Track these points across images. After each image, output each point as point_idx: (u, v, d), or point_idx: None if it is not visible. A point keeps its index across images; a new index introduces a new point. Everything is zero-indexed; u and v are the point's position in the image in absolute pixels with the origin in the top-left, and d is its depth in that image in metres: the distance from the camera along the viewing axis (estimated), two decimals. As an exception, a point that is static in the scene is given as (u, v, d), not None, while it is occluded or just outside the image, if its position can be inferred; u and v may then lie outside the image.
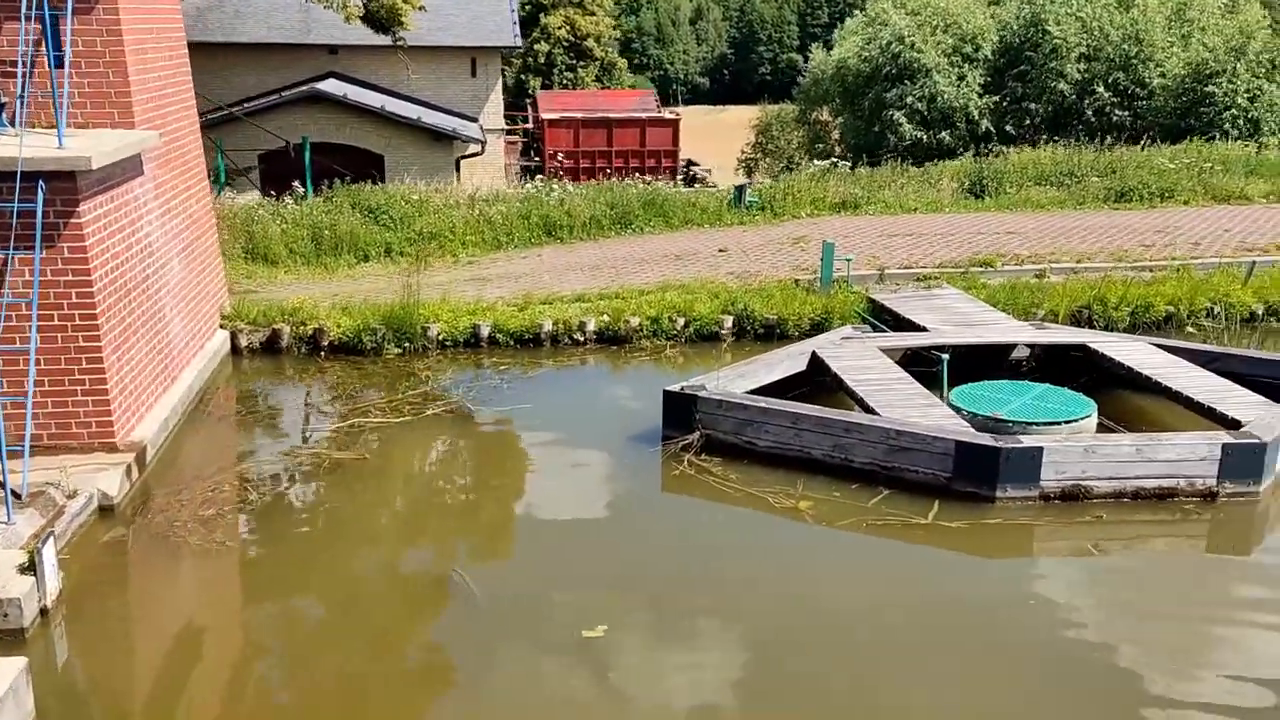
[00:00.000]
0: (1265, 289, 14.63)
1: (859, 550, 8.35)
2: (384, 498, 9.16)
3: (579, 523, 8.76)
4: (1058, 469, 9.16)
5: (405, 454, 10.02)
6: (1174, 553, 8.58)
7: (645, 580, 7.68)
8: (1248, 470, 9.22)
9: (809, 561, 8.14)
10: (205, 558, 7.82)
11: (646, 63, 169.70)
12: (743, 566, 8.04)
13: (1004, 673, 6.68)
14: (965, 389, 11.08)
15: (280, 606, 7.43)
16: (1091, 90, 34.93)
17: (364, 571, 7.84)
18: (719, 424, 10.24)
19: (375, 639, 6.97)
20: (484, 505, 9.01)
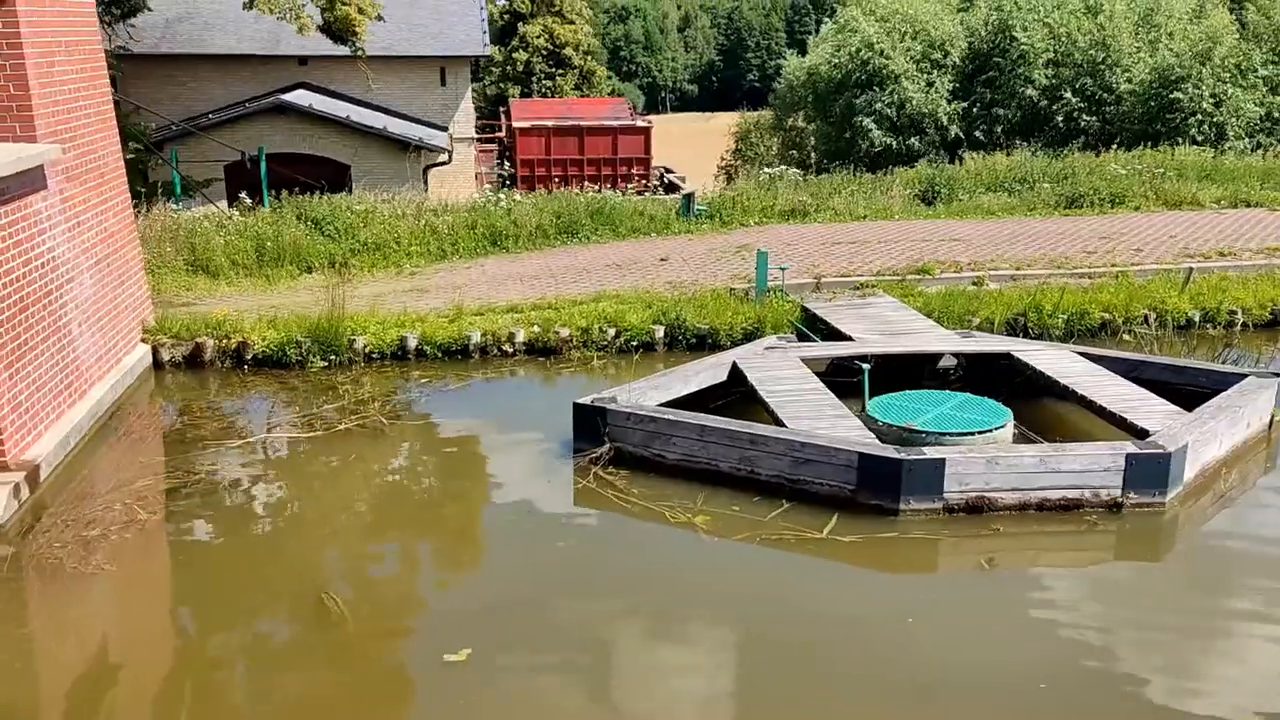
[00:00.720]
0: (1202, 295, 14.58)
1: (745, 565, 8.23)
2: (277, 517, 9.04)
3: (468, 541, 8.65)
4: (961, 481, 9.07)
5: (307, 471, 9.90)
6: (1068, 566, 8.46)
7: (521, 600, 7.54)
8: (1152, 481, 9.13)
9: (692, 578, 8.00)
10: (78, 581, 7.68)
11: (635, 70, 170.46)
12: (623, 584, 7.92)
13: (854, 694, 6.54)
14: (884, 399, 11.02)
15: (143, 629, 7.29)
16: (1059, 96, 34.98)
17: (237, 592, 7.70)
18: (628, 437, 10.14)
19: (234, 661, 6.85)
20: (377, 525, 8.87)
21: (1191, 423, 9.79)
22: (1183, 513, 9.14)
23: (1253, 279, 15.25)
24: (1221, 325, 14.36)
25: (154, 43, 35.60)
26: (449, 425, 11.13)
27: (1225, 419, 10.01)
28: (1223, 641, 7.11)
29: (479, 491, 9.62)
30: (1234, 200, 20.40)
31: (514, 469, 10.06)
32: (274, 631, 7.25)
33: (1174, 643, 7.13)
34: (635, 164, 39.87)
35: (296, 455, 10.19)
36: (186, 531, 8.61)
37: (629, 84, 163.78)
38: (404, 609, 7.47)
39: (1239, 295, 14.58)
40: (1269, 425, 10.82)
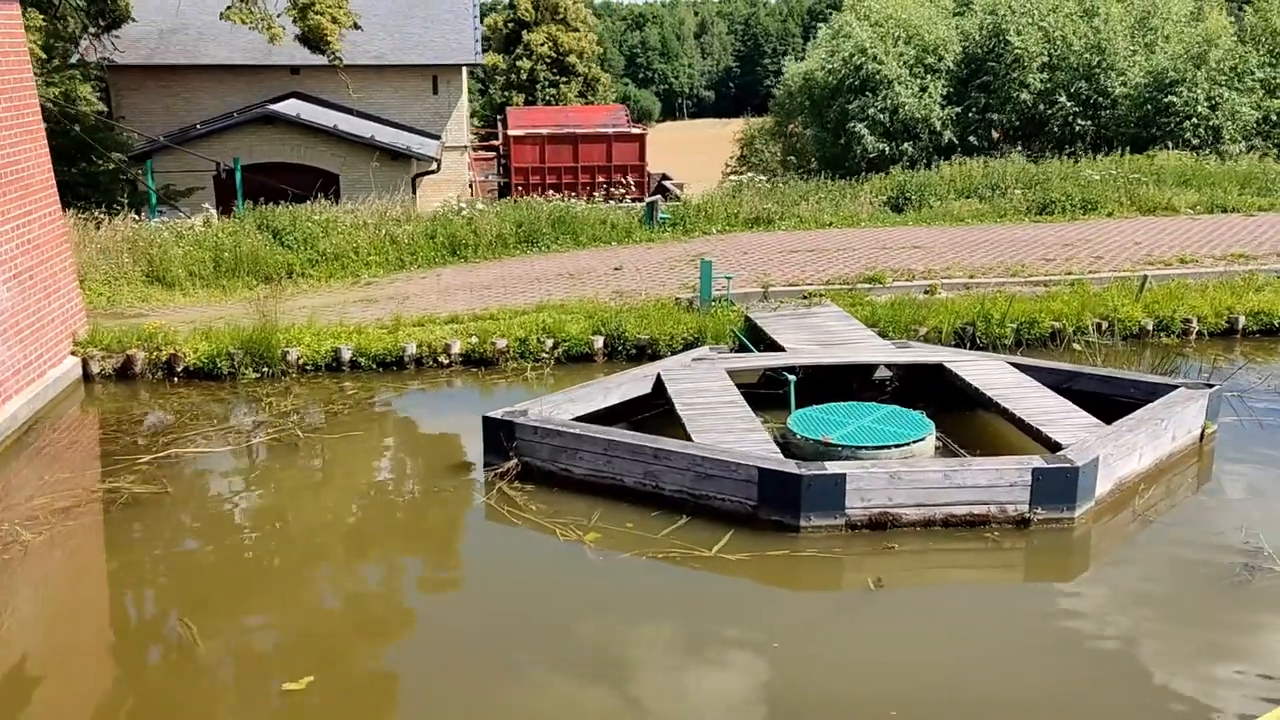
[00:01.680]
0: (1157, 304, 14.31)
1: (621, 583, 8.04)
2: (164, 537, 8.89)
3: (346, 562, 8.46)
4: (863, 496, 8.86)
5: (209, 487, 9.78)
6: (958, 584, 8.24)
7: (377, 622, 7.39)
8: (1060, 496, 8.89)
9: (561, 597, 7.80)
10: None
11: (651, 77, 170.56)
12: (489, 605, 7.74)
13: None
14: (807, 411, 10.84)
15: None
16: (1054, 100, 34.64)
17: (100, 614, 7.59)
18: (535, 451, 9.99)
19: (79, 686, 6.73)
20: (266, 544, 8.70)
21: (1106, 436, 9.54)
22: (1094, 529, 8.88)
23: (1212, 287, 14.96)
24: (1176, 334, 14.07)
25: (147, 53, 35.81)
26: (364, 439, 11.00)
27: (1145, 431, 9.76)
28: (1103, 666, 6.87)
29: (374, 509, 9.41)
30: (1210, 206, 20.06)
31: (417, 484, 9.92)
32: (121, 658, 7.12)
33: (1048, 668, 6.89)
34: (630, 171, 39.80)
35: (201, 472, 10.08)
36: (67, 554, 8.49)
37: (645, 90, 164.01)
38: (258, 633, 7.31)
39: (1195, 303, 14.30)
40: (1200, 438, 10.56)
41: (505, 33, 60.07)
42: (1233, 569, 7.83)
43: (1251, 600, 7.42)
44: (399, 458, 10.63)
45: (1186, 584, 7.83)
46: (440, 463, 10.33)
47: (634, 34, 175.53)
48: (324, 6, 23.11)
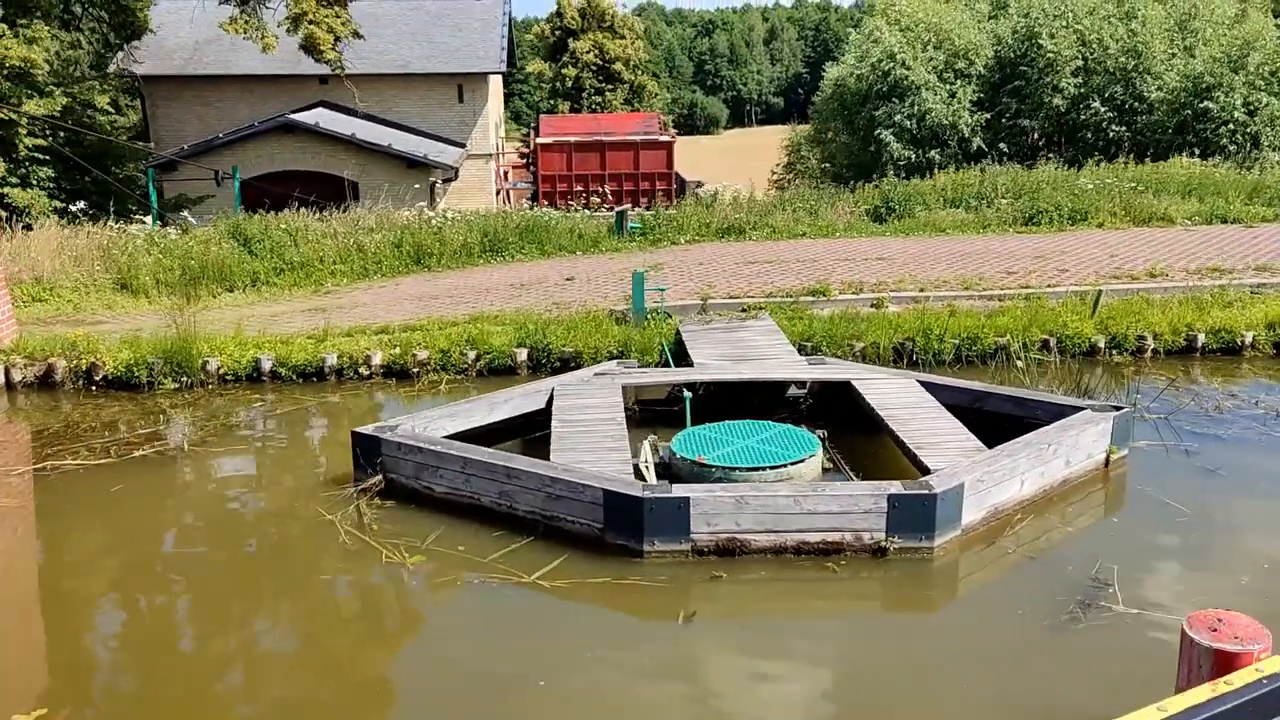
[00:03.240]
0: (1112, 320, 13.67)
1: (412, 609, 7.78)
2: (8, 554, 8.87)
3: (152, 582, 8.23)
4: (709, 521, 8.51)
5: (67, 502, 9.67)
6: (783, 618, 7.81)
7: (149, 647, 7.24)
8: (917, 524, 8.45)
9: (343, 622, 7.60)
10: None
11: (719, 84, 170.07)
12: (266, 631, 7.54)
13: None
14: (696, 430, 10.53)
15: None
16: (1088, 105, 33.62)
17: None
18: (400, 468, 9.81)
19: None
20: (99, 565, 8.55)
21: (980, 461, 9.07)
22: (953, 560, 8.41)
23: (1176, 302, 14.26)
24: (1129, 352, 13.43)
25: (181, 64, 36.55)
26: (248, 451, 10.93)
27: (1028, 455, 9.26)
28: (865, 705, 6.47)
29: (217, 526, 9.06)
30: (1210, 216, 19.19)
31: (276, 500, 9.76)
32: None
33: (812, 710, 6.50)
34: (658, 179, 39.59)
35: (68, 485, 9.96)
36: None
37: (713, 97, 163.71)
38: (30, 662, 7.18)
39: (1153, 320, 13.63)
40: (1105, 462, 10.01)
41: (552, 41, 60.29)
42: (1067, 606, 7.33)
43: (1063, 643, 6.93)
44: (273, 472, 10.51)
45: (1013, 622, 7.34)
46: (314, 478, 10.19)
47: (703, 40, 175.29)
48: (319, 17, 23.30)
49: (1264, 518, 8.74)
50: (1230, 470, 9.69)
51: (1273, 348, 13.44)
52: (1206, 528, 8.55)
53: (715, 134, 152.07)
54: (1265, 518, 8.74)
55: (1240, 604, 7.14)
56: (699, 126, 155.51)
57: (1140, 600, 7.32)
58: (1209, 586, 7.58)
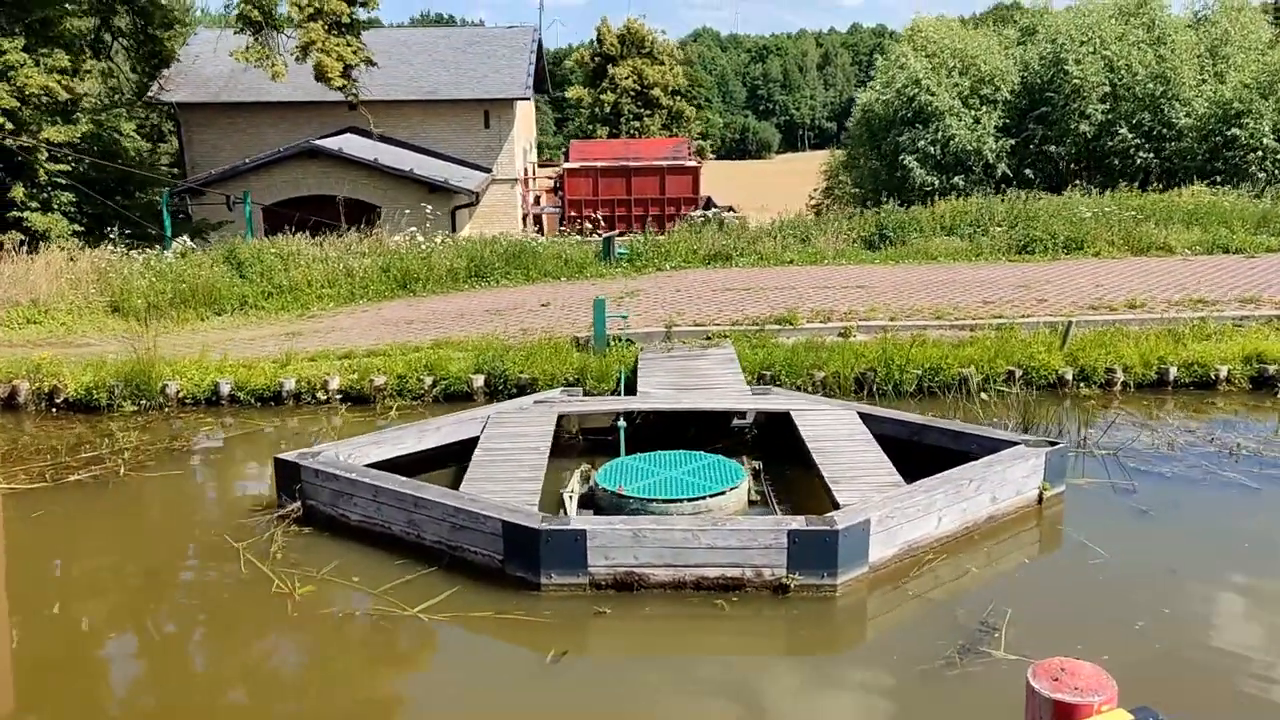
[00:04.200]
0: (1082, 352, 13.34)
1: (285, 644, 7.71)
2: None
3: (33, 603, 8.24)
4: (606, 554, 8.39)
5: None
6: (665, 654, 7.66)
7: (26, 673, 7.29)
8: (819, 561, 8.26)
9: (206, 649, 7.56)
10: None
11: (772, 109, 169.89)
12: (119, 656, 7.53)
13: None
14: (625, 460, 10.46)
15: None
16: (1115, 132, 33.05)
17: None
18: (318, 494, 9.81)
19: None
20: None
21: (893, 497, 8.86)
22: (855, 600, 8.17)
23: (1153, 334, 13.87)
24: (1098, 385, 13.08)
25: (216, 92, 37.29)
26: (182, 478, 10.97)
27: (947, 492, 9.02)
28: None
29: (126, 552, 9.08)
30: (1211, 246, 18.70)
31: (191, 527, 9.73)
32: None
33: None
34: (684, 204, 39.57)
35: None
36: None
37: (765, 122, 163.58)
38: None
39: (1125, 352, 13.28)
40: (1039, 500, 9.73)
41: (592, 67, 60.69)
42: (946, 651, 7.10)
43: (930, 690, 6.71)
44: (199, 498, 10.56)
45: (887, 667, 7.13)
46: (239, 504, 10.22)
47: (756, 66, 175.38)
48: (329, 45, 23.65)
49: (1179, 561, 8.43)
50: (1162, 511, 9.37)
51: (1249, 382, 13.03)
52: (1117, 571, 8.25)
53: (767, 158, 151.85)
54: (1180, 561, 8.43)
55: (1126, 649, 6.93)
56: (751, 151, 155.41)
57: (1023, 647, 7.06)
58: (1100, 632, 7.30)
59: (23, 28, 24.08)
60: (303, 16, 23.27)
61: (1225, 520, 9.15)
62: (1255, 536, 8.77)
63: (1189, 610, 7.61)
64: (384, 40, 42.53)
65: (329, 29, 23.72)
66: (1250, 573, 8.14)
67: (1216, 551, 8.57)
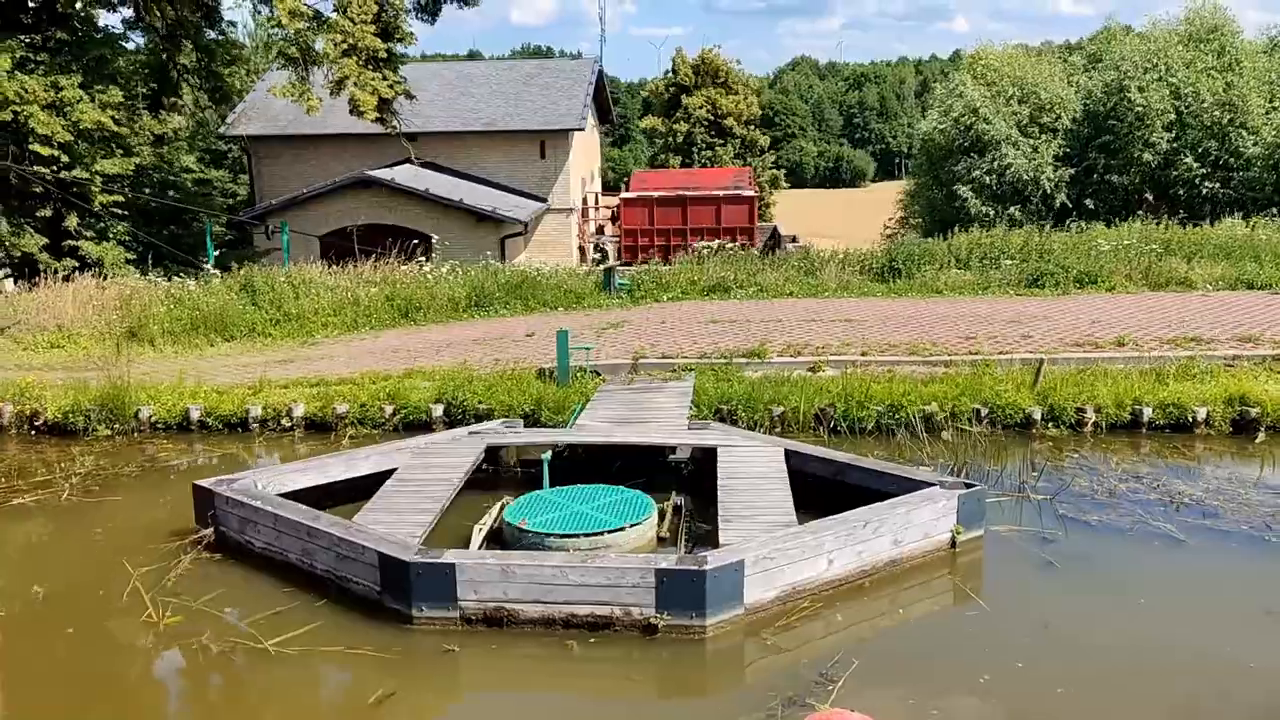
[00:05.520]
0: (1055, 391, 12.87)
1: (122, 674, 7.78)
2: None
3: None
4: (475, 589, 8.36)
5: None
6: (499, 691, 7.58)
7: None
8: (687, 601, 8.10)
9: (41, 674, 7.67)
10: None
11: (868, 136, 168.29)
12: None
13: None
14: (543, 494, 10.45)
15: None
16: (1179, 161, 31.95)
17: None
18: (229, 522, 9.98)
19: None
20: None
21: (777, 537, 8.65)
22: (730, 643, 7.95)
23: (1134, 373, 13.31)
24: (1067, 426, 12.60)
25: (284, 125, 38.47)
26: (121, 501, 11.21)
27: (838, 533, 8.78)
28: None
29: (27, 577, 9.27)
30: (1235, 281, 17.88)
31: (102, 553, 9.79)
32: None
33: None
34: (739, 233, 39.31)
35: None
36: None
37: (860, 150, 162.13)
38: None
39: (1099, 392, 12.77)
40: (952, 544, 9.40)
41: (666, 97, 60.87)
42: (771, 703, 6.89)
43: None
44: (126, 524, 10.69)
45: (711, 718, 6.95)
46: (164, 530, 10.33)
47: (853, 94, 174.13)
48: (363, 80, 24.23)
49: (1058, 616, 8.03)
50: (1069, 564, 8.95)
51: (1230, 425, 12.40)
52: (989, 623, 7.94)
53: (862, 187, 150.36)
54: (1060, 616, 8.03)
55: (960, 703, 6.68)
56: (844, 180, 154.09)
57: (852, 699, 6.81)
58: (940, 685, 7.01)
59: (80, 65, 25.22)
60: (337, 53, 23.90)
61: (1131, 574, 8.71)
62: (1154, 591, 8.34)
63: (1042, 667, 7.23)
64: (448, 73, 43.52)
65: (364, 64, 24.31)
66: (1126, 631, 7.72)
67: (1104, 607, 8.16)
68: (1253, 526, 9.42)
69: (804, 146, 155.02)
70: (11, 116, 23.21)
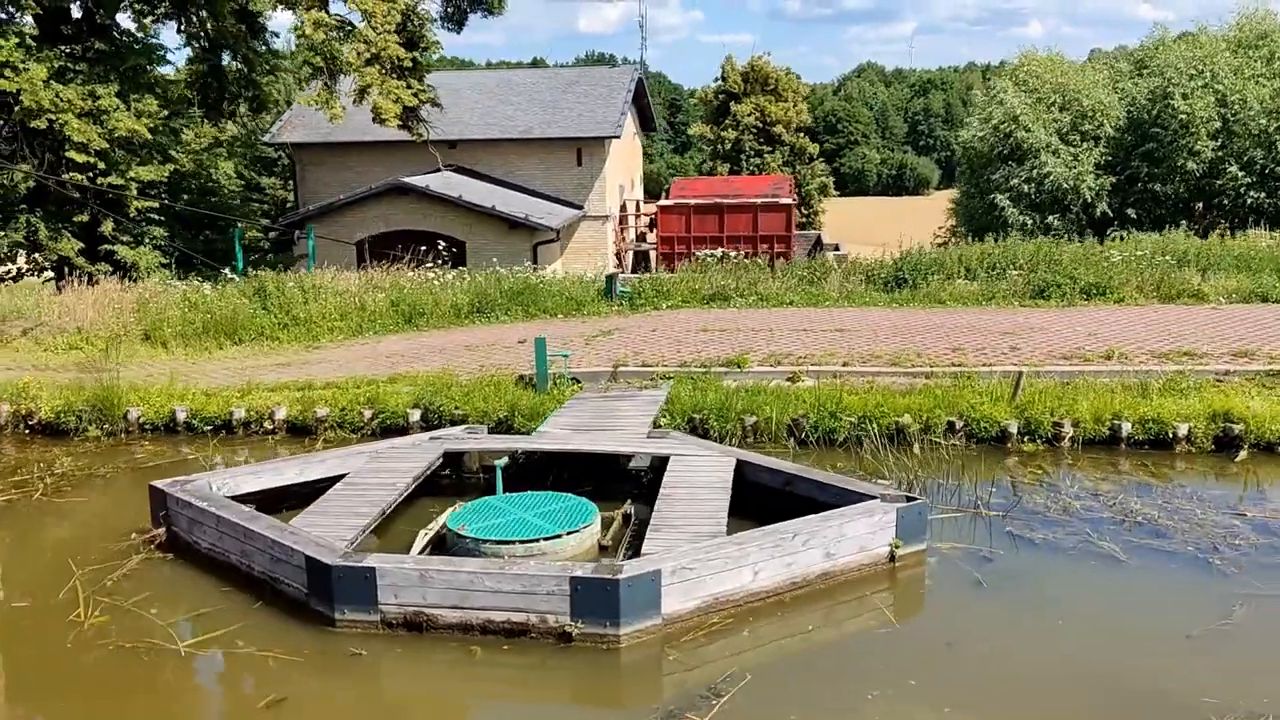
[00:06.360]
0: (1034, 404, 12.62)
1: (23, 671, 7.95)
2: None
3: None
4: (395, 593, 8.43)
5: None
6: (388, 704, 7.60)
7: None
8: (602, 610, 8.10)
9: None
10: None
11: (933, 144, 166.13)
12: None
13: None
14: (490, 500, 10.51)
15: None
16: (1224, 170, 31.15)
17: None
18: (179, 522, 10.17)
19: None
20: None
21: (699, 547, 8.60)
22: (648, 653, 7.90)
23: (1120, 388, 13.00)
24: (1044, 440, 12.34)
25: (327, 132, 39.11)
26: (89, 501, 11.48)
27: (764, 545, 8.71)
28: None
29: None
30: (1249, 294, 17.38)
31: (56, 551, 10.06)
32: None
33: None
34: (776, 241, 39.15)
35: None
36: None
37: (925, 158, 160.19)
38: None
39: (1078, 406, 12.49)
40: (890, 558, 9.27)
41: (715, 105, 60.82)
42: (646, 716, 6.86)
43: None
44: (87, 523, 10.91)
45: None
46: (119, 530, 10.49)
47: (919, 100, 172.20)
48: (386, 88, 24.57)
49: (964, 636, 7.87)
50: (999, 583, 8.76)
51: (1212, 442, 12.05)
52: (893, 641, 7.83)
53: (926, 194, 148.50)
54: (970, 637, 7.88)
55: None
56: (908, 187, 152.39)
57: (731, 715, 6.75)
58: (826, 703, 6.91)
59: (117, 74, 25.91)
60: (359, 62, 24.27)
61: (1057, 594, 8.51)
62: (1074, 612, 8.14)
63: (934, 686, 7.09)
64: (489, 81, 43.95)
65: (388, 72, 24.64)
66: (1032, 651, 7.55)
67: (1016, 627, 8.00)
68: (1200, 548, 9.14)
69: (867, 154, 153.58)
70: (47, 124, 23.95)
